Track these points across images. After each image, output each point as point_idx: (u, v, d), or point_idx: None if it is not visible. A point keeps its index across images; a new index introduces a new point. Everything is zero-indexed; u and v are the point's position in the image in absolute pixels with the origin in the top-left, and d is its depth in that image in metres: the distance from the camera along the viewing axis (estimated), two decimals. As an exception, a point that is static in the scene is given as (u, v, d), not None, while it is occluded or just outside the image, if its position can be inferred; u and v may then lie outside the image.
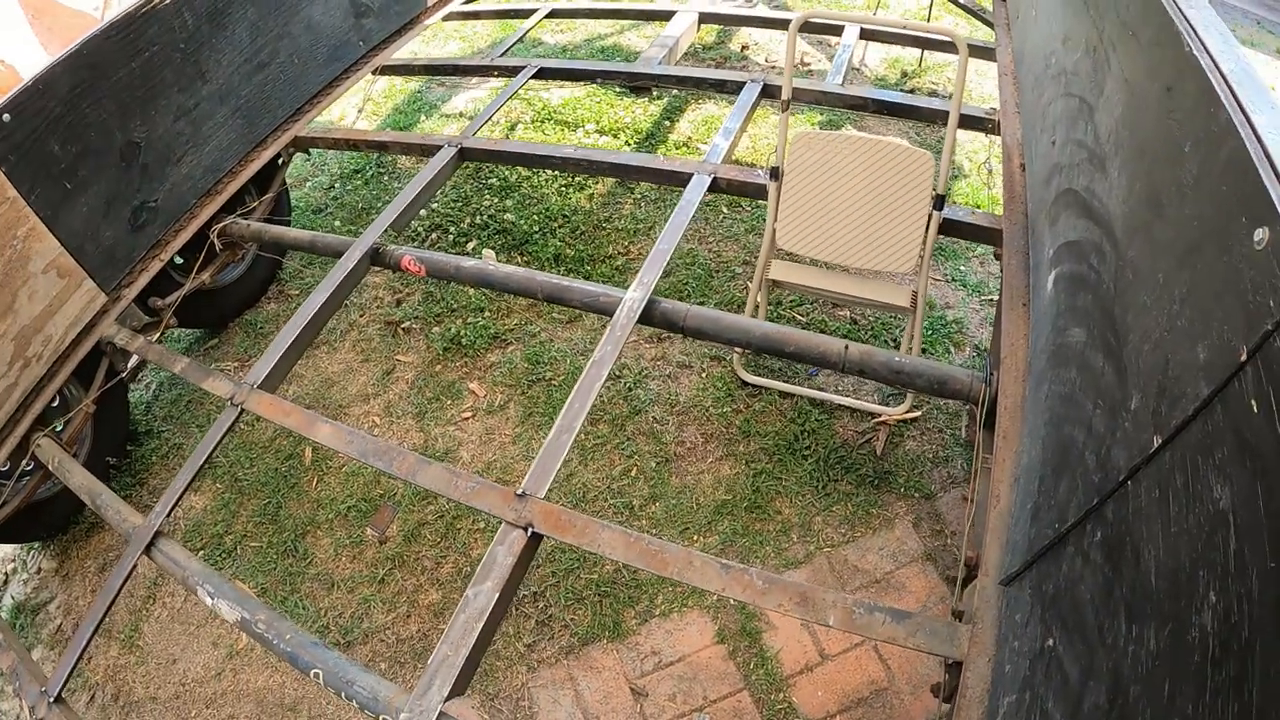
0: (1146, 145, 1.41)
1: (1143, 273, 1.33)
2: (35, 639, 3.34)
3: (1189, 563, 1.01)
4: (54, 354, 3.05)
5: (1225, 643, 0.91)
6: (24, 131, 2.82)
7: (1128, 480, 1.22)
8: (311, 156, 5.40)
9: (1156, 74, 1.40)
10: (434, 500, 3.35)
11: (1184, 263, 1.17)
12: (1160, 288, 1.24)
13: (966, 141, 4.80)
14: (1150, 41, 1.47)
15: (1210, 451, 1.00)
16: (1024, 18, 3.06)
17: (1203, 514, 1.00)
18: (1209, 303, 1.07)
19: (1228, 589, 0.92)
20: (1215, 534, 0.96)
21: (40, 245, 2.93)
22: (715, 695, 2.73)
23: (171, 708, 3.01)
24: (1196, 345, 1.07)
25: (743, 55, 5.96)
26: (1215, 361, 1.01)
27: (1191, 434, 1.06)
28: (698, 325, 2.64)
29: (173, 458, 3.80)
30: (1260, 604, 0.86)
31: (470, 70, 4.58)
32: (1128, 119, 1.55)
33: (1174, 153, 1.26)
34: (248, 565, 3.31)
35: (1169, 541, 1.07)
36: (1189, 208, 1.19)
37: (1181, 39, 1.28)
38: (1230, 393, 0.97)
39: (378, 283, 4.41)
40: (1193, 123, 1.21)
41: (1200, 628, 0.96)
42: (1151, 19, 1.47)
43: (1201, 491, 1.01)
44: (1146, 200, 1.37)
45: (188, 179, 3.53)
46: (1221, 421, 0.99)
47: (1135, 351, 1.30)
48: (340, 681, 2.02)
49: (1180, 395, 1.10)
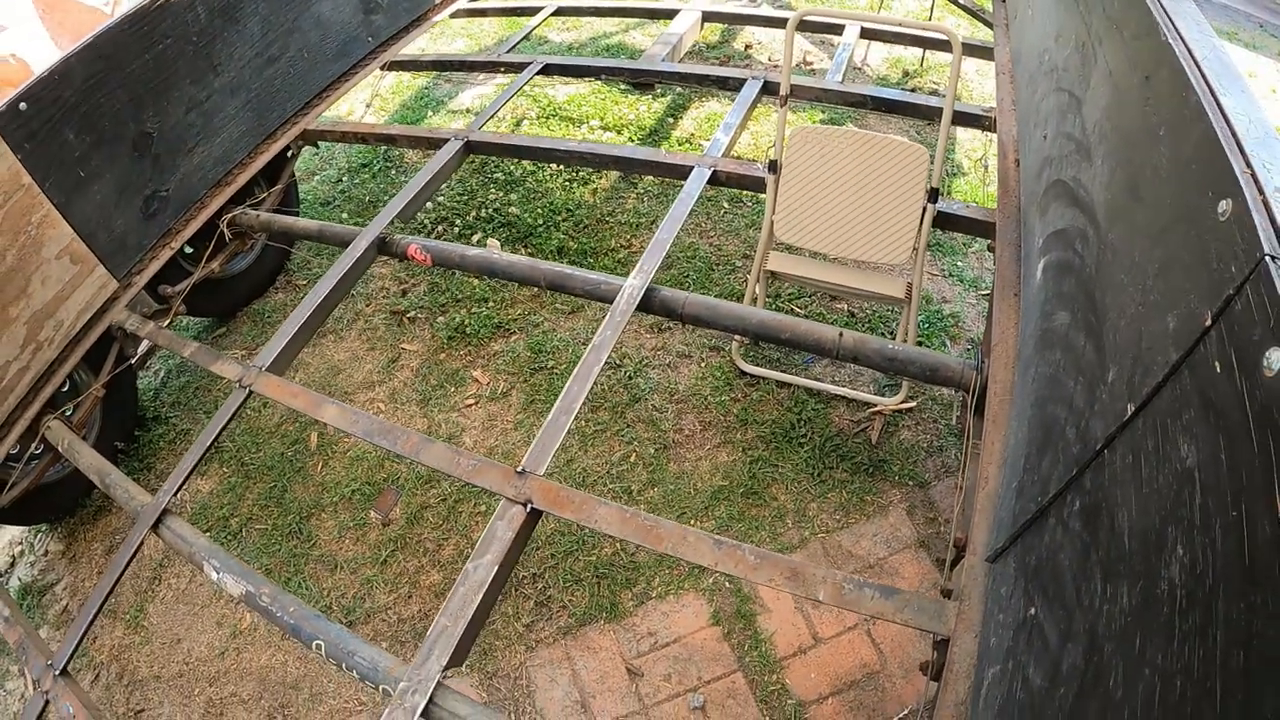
0: (1127, 133, 1.47)
1: (1121, 253, 1.38)
2: (41, 619, 3.39)
3: (1159, 520, 1.06)
4: (65, 339, 3.10)
5: (1191, 593, 0.95)
6: (40, 120, 2.88)
7: (1104, 449, 1.27)
8: (320, 150, 5.45)
9: (1137, 64, 1.46)
10: (436, 484, 3.40)
11: (1157, 241, 1.23)
12: (1136, 266, 1.29)
13: (966, 140, 4.85)
14: (1132, 34, 1.53)
15: (1179, 414, 1.05)
16: (1021, 17, 3.11)
17: (1171, 473, 1.04)
18: (1179, 276, 1.12)
19: (1193, 541, 0.97)
20: (1183, 491, 1.01)
21: (54, 232, 2.98)
22: (710, 676, 2.78)
23: (175, 686, 3.06)
24: (1167, 316, 1.13)
25: (746, 54, 6.00)
26: (1183, 329, 1.07)
27: (1162, 399, 1.11)
28: (695, 313, 2.68)
29: (180, 443, 3.85)
30: (1223, 554, 0.90)
31: (477, 66, 4.62)
32: (1111, 110, 1.60)
33: (1150, 138, 1.32)
34: (253, 547, 3.36)
35: (1141, 502, 1.12)
36: (1163, 188, 1.24)
37: (1159, 29, 1.34)
38: (1196, 357, 1.02)
39: (384, 273, 4.46)
40: (1168, 108, 1.27)
41: (1169, 580, 1.01)
42: (1134, 13, 1.53)
43: (1170, 452, 1.06)
44: (1126, 185, 1.42)
45: (198, 169, 3.59)
46: (1189, 385, 1.04)
47: (1113, 328, 1.35)
48: (341, 653, 2.05)
49: (1152, 364, 1.15)
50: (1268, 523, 0.83)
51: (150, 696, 3.06)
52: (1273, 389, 0.85)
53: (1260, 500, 0.84)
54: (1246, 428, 0.88)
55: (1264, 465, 0.84)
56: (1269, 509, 0.82)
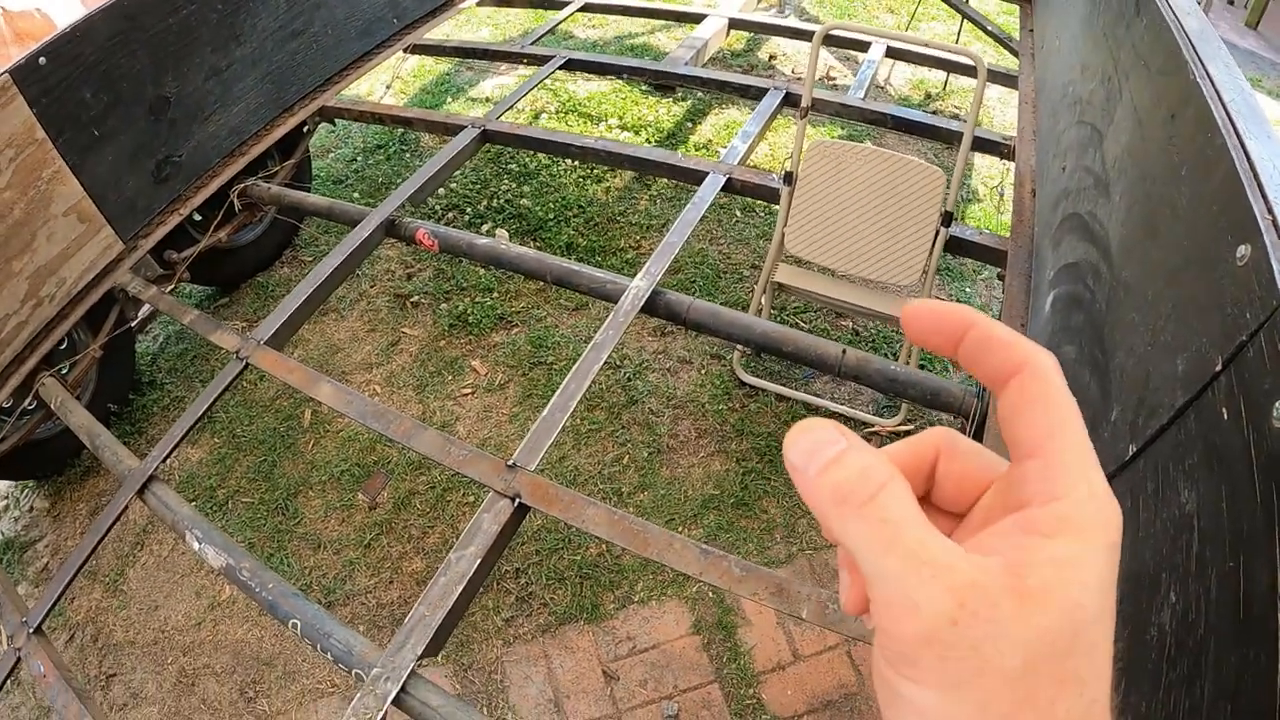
0: (1148, 170, 1.45)
1: (1134, 291, 1.37)
2: (21, 576, 3.37)
3: (1153, 565, 1.05)
4: (66, 296, 3.08)
5: (1181, 641, 0.94)
6: (58, 76, 2.86)
7: (1101, 489, 1.26)
8: (336, 128, 5.45)
9: (1162, 101, 1.44)
10: (426, 471, 3.39)
11: (1171, 281, 1.21)
12: (1148, 305, 1.28)
13: (983, 167, 4.84)
14: (1159, 71, 1.52)
15: (1182, 458, 1.04)
16: (1048, 47, 3.10)
17: (1169, 518, 1.03)
18: (1191, 317, 1.11)
19: (1187, 589, 0.96)
20: (1180, 537, 0.99)
21: (64, 189, 2.96)
22: (686, 685, 2.76)
23: (149, 653, 3.04)
24: (1176, 358, 1.11)
25: (769, 64, 6.00)
26: (1192, 372, 1.05)
27: (1165, 442, 1.09)
28: (699, 318, 2.67)
29: (173, 410, 3.83)
30: (1217, 603, 0.89)
31: (500, 56, 4.61)
32: (1133, 145, 1.59)
33: (1172, 176, 1.30)
34: (238, 520, 3.34)
35: (1136, 546, 1.11)
36: (1181, 228, 1.22)
37: (1188, 68, 1.32)
38: (1203, 401, 1.01)
39: (390, 255, 4.45)
40: (1191, 147, 1.25)
41: (1159, 627, 1.00)
42: (1163, 50, 1.51)
43: (1170, 496, 1.04)
44: (1143, 222, 1.41)
45: (213, 138, 3.57)
46: (1194, 429, 1.03)
47: (1120, 366, 1.34)
48: (317, 634, 2.03)
49: (1158, 405, 1.13)
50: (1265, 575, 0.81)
51: (123, 661, 3.05)
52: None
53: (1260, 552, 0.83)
54: (1250, 477, 0.87)
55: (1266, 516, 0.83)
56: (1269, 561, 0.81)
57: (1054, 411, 0.37)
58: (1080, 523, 0.34)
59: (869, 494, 0.35)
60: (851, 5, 6.91)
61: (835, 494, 0.36)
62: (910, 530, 0.34)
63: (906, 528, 0.34)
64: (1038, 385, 0.37)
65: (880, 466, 0.36)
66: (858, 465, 0.36)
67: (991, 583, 0.32)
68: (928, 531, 0.34)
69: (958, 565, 0.33)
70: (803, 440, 0.38)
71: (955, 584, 0.32)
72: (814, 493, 0.36)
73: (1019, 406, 0.37)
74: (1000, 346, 0.38)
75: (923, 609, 0.32)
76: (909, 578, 0.33)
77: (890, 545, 0.34)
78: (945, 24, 6.45)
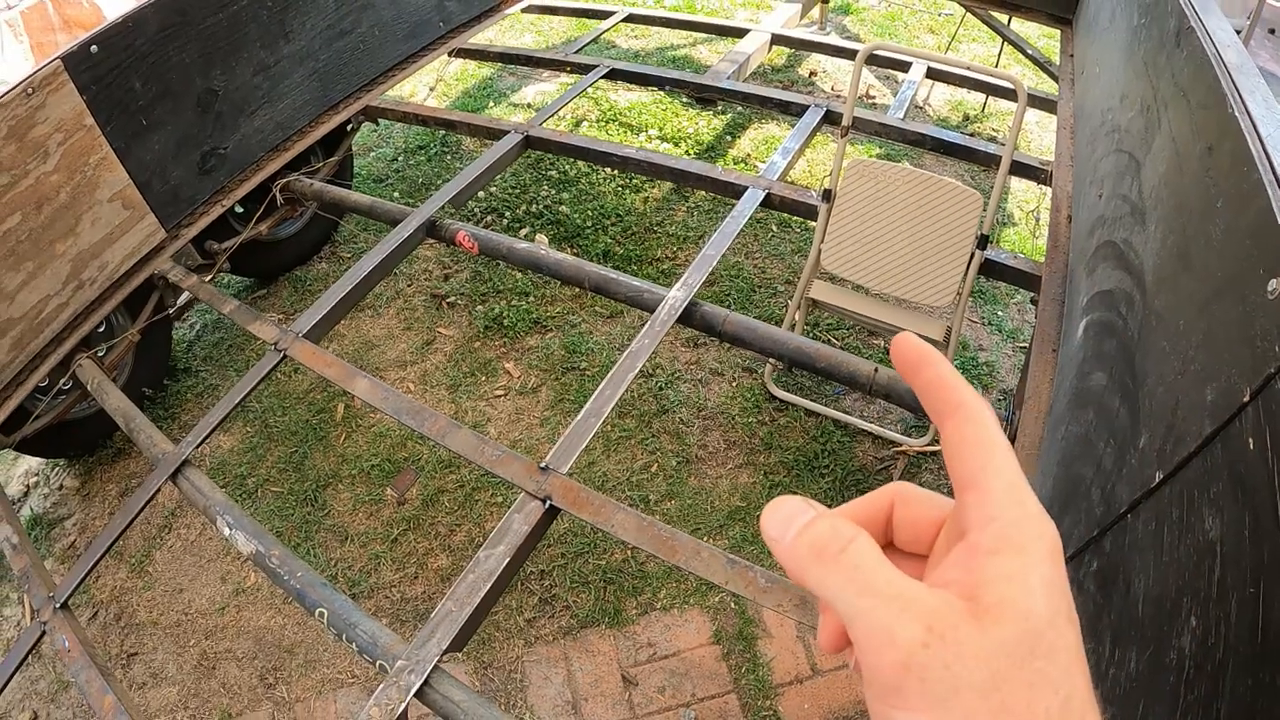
0: (1184, 201, 1.47)
1: (1165, 320, 1.38)
2: (48, 552, 3.44)
3: (1175, 590, 1.06)
4: (107, 281, 3.14)
5: (1200, 664, 0.95)
6: (109, 65, 2.92)
7: (1127, 513, 1.27)
8: (379, 127, 5.52)
9: (1201, 133, 1.46)
10: (456, 470, 3.43)
11: (1203, 311, 1.23)
12: (1179, 334, 1.29)
13: (1019, 191, 4.84)
14: (1199, 103, 1.53)
15: (1207, 486, 1.05)
16: (1088, 74, 3.10)
17: (1193, 544, 1.05)
18: (1221, 348, 1.12)
19: (1208, 614, 0.97)
20: (1203, 562, 1.01)
21: (109, 175, 3.02)
22: (704, 694, 2.77)
23: (171, 635, 3.10)
24: (1205, 387, 1.13)
25: (810, 81, 6.02)
26: (1220, 402, 1.07)
27: (1191, 470, 1.11)
28: (735, 331, 2.68)
29: (207, 397, 3.90)
30: (1236, 628, 0.91)
31: (544, 63, 4.66)
32: (1170, 176, 1.60)
33: (1207, 208, 1.32)
34: (266, 509, 3.40)
35: (1159, 570, 1.12)
36: (1214, 260, 1.24)
37: (1227, 101, 1.34)
38: (1230, 431, 1.03)
39: (428, 256, 4.50)
40: (1227, 180, 1.27)
41: (1179, 650, 1.01)
42: (1203, 83, 1.52)
43: (1194, 523, 1.06)
44: (1177, 253, 1.42)
45: (259, 132, 3.63)
46: (1220, 458, 1.04)
47: (1150, 394, 1.35)
48: (343, 623, 2.06)
49: (1185, 433, 1.15)
50: (1285, 602, 0.83)
51: (145, 641, 3.10)
52: (1304, 471, 0.86)
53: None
54: (1273, 506, 0.88)
55: (1288, 545, 0.85)
56: (1288, 588, 0.83)
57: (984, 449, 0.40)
58: (1018, 538, 0.38)
59: (840, 547, 0.40)
60: (892, 25, 6.92)
61: (812, 550, 0.40)
62: (879, 572, 0.38)
63: (876, 571, 0.39)
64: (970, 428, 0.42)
65: (846, 525, 0.41)
66: (828, 526, 0.41)
67: (951, 607, 0.36)
68: (894, 572, 0.39)
69: (922, 597, 0.37)
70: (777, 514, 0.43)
71: (922, 612, 0.36)
72: (792, 554, 0.41)
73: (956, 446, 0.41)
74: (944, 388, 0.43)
75: (898, 637, 0.36)
76: (883, 612, 0.37)
77: (864, 587, 0.38)
78: (985, 46, 6.45)
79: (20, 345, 2.90)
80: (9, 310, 2.82)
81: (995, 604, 0.36)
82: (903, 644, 0.36)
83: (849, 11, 7.16)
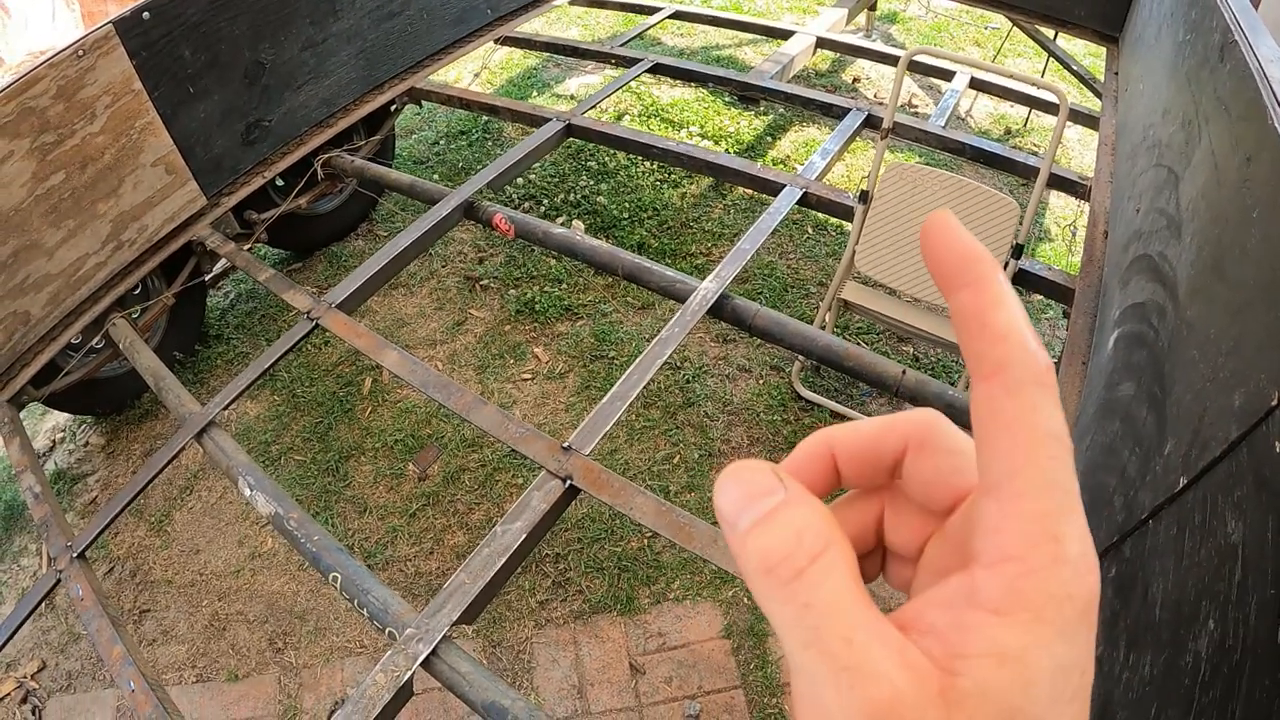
0: (1220, 211, 1.47)
1: (1196, 329, 1.38)
2: (69, 506, 3.49)
3: (1194, 593, 1.06)
4: (146, 243, 3.18)
5: (1217, 667, 0.96)
6: (160, 32, 2.97)
7: (1149, 519, 1.28)
8: (423, 110, 5.56)
9: (1240, 145, 1.45)
10: (479, 449, 3.45)
11: (1235, 319, 1.23)
12: (1209, 342, 1.29)
13: (1056, 206, 4.81)
14: (1239, 116, 1.53)
15: (1231, 490, 1.06)
16: (1132, 90, 3.09)
17: (1214, 548, 1.05)
18: (1251, 354, 1.12)
19: (1226, 617, 0.97)
20: (1223, 566, 1.01)
21: (154, 140, 3.07)
22: (710, 687, 2.78)
23: (185, 594, 3.14)
24: (1234, 393, 1.13)
25: (853, 87, 6.01)
26: (1248, 407, 1.07)
27: (1216, 474, 1.11)
28: (765, 326, 2.69)
29: (237, 364, 3.94)
30: (1255, 631, 0.91)
31: (589, 54, 4.68)
32: (1208, 188, 1.60)
33: (1243, 219, 1.32)
34: (288, 476, 3.43)
35: (1179, 575, 1.12)
36: (1248, 269, 1.24)
37: (1268, 114, 1.34)
38: (1257, 435, 1.03)
39: (463, 238, 4.53)
40: (1265, 191, 1.27)
41: (1195, 653, 1.01)
42: (1244, 95, 1.52)
43: (1217, 527, 1.06)
44: (1211, 264, 1.42)
45: (303, 107, 3.68)
46: (1245, 462, 1.04)
47: (1177, 402, 1.35)
48: (356, 589, 2.08)
49: (1211, 439, 1.15)
50: (1305, 604, 0.83)
51: (159, 599, 3.14)
52: (1329, 474, 0.86)
53: (1302, 580, 0.85)
54: (1297, 509, 0.89)
55: (1311, 548, 0.85)
56: (1309, 590, 0.83)
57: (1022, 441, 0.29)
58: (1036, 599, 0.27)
59: (798, 567, 0.29)
60: (938, 36, 6.89)
61: (762, 561, 0.30)
62: (837, 622, 0.28)
63: (834, 619, 0.28)
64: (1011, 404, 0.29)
65: (817, 529, 0.30)
66: (792, 526, 0.30)
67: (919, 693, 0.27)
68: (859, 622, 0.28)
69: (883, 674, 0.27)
70: (733, 486, 0.32)
71: (875, 697, 0.27)
72: (740, 554, 0.31)
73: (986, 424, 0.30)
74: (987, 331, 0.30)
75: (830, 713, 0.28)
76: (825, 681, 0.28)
77: (812, 639, 0.28)
78: (1031, 61, 6.41)
79: (56, 301, 2.95)
80: (47, 266, 2.87)
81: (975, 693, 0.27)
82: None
83: (895, 20, 7.14)
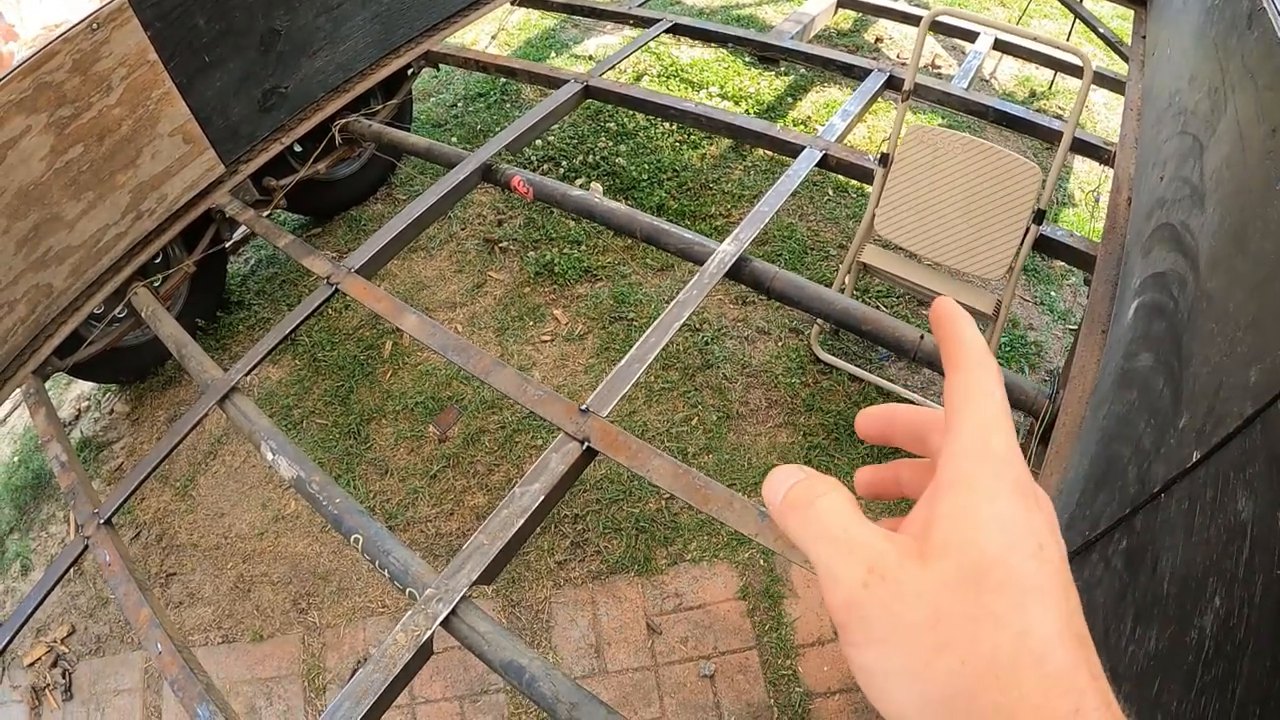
0: (1244, 183, 1.45)
1: (1215, 302, 1.37)
2: (95, 474, 3.54)
3: (1201, 570, 1.06)
4: (166, 212, 3.20)
5: (1220, 644, 0.96)
6: (173, 2, 2.96)
7: (1161, 493, 1.27)
8: (440, 73, 5.53)
9: (1266, 116, 1.44)
10: (498, 411, 3.47)
11: (1254, 294, 1.22)
12: (1228, 316, 1.28)
13: (1081, 171, 4.77)
14: (1266, 85, 1.51)
15: (1244, 467, 1.05)
16: (1159, 55, 3.04)
17: (1224, 524, 1.05)
18: (1270, 329, 1.12)
19: (1233, 594, 0.97)
20: (1232, 543, 1.01)
21: (171, 110, 3.07)
22: (725, 648, 2.81)
23: (211, 557, 3.19)
24: (1250, 369, 1.12)
25: (875, 47, 5.94)
26: (1263, 383, 1.06)
27: (1229, 450, 1.11)
28: (783, 288, 2.69)
29: (258, 330, 3.97)
30: (1260, 608, 0.91)
31: (607, 15, 4.64)
32: (1233, 158, 1.58)
33: (1266, 190, 1.31)
34: (310, 439, 3.47)
35: (1188, 550, 1.12)
36: (1269, 242, 1.23)
37: (1293, 85, 1.33)
38: (1272, 411, 1.02)
39: (482, 201, 4.53)
40: (1288, 162, 1.26)
41: (1199, 630, 1.02)
42: (1271, 64, 1.51)
43: (1227, 503, 1.06)
44: (1233, 235, 1.41)
45: (320, 73, 3.66)
46: (1259, 439, 1.04)
47: (1194, 375, 1.34)
48: (377, 550, 2.10)
49: (1226, 414, 1.14)
50: (1313, 584, 0.83)
51: (184, 562, 3.19)
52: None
53: (1310, 560, 0.85)
54: (1310, 486, 0.89)
55: (1321, 524, 0.85)
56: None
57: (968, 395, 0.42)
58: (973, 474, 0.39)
59: (809, 501, 0.42)
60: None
61: (787, 504, 0.43)
62: (835, 520, 0.41)
63: (833, 519, 0.41)
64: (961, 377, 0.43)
65: (821, 484, 0.44)
66: (805, 484, 0.44)
67: (900, 548, 0.38)
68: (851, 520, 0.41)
69: (872, 542, 0.39)
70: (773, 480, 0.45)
71: (866, 554, 0.39)
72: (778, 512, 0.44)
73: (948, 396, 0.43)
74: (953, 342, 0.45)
75: (840, 578, 0.39)
76: (832, 556, 0.39)
77: (820, 534, 0.41)
78: (1057, 23, 6.31)
79: (78, 272, 2.97)
80: (68, 238, 2.89)
81: (940, 540, 0.38)
82: (844, 584, 0.38)
83: (920, -22, 7.05)
